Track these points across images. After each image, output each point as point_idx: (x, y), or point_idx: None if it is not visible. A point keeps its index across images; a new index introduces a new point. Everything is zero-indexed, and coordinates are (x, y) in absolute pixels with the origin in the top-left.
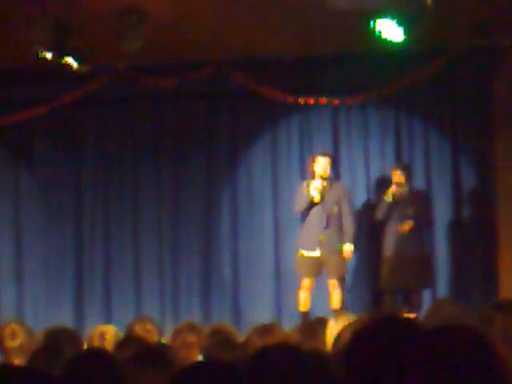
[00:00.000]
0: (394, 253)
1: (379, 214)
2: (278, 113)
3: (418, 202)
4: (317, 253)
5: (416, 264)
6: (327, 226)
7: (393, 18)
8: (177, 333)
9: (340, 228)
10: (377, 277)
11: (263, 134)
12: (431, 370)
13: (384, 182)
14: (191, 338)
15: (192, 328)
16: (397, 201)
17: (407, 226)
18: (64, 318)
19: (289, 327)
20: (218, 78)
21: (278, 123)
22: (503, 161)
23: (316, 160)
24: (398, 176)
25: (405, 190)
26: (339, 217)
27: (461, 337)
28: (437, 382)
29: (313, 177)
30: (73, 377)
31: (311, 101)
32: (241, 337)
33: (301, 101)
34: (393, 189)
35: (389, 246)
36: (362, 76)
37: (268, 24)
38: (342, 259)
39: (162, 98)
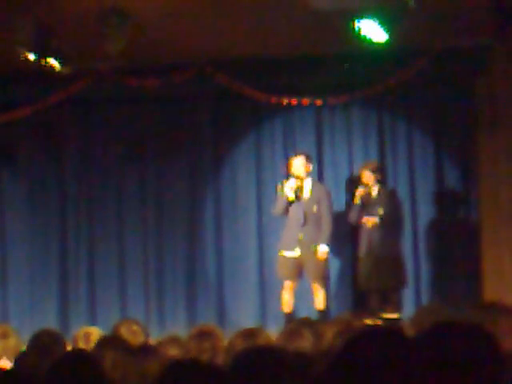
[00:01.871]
0: (366, 253)
1: (351, 216)
2: (261, 114)
3: (386, 202)
4: (296, 252)
5: (387, 264)
6: (305, 224)
7: (375, 18)
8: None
9: (319, 228)
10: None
11: (247, 134)
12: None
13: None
14: (174, 351)
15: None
16: (364, 202)
17: (370, 222)
18: (49, 321)
19: (273, 328)
20: (201, 80)
21: (262, 124)
22: (486, 160)
23: (291, 161)
24: (366, 177)
25: (374, 190)
26: (318, 217)
27: (464, 333)
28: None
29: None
30: (56, 378)
31: (294, 101)
32: (226, 338)
33: (284, 101)
34: (360, 191)
35: (361, 246)
36: (345, 76)
37: (251, 25)
38: (320, 261)
39: (146, 99)
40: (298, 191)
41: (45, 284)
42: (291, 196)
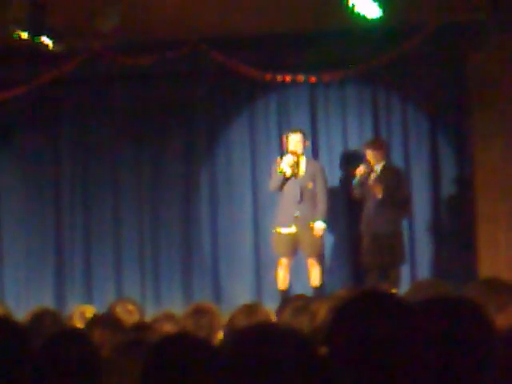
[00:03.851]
0: (367, 230)
1: (355, 193)
2: (255, 91)
3: (386, 179)
4: (292, 229)
5: (385, 241)
6: (301, 201)
7: None
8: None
9: (314, 205)
10: (356, 254)
11: (241, 112)
12: (428, 342)
13: (358, 160)
14: (169, 328)
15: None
16: (362, 181)
17: (377, 192)
18: (45, 299)
19: (269, 305)
20: (196, 57)
21: (256, 101)
22: (480, 135)
23: (288, 137)
24: (368, 155)
25: (377, 168)
26: (314, 193)
27: (457, 308)
28: (433, 353)
29: (286, 153)
30: (48, 355)
31: (289, 78)
32: (222, 315)
33: (278, 78)
34: (360, 169)
35: (363, 223)
36: (340, 53)
37: (245, 2)
38: (316, 237)
39: (140, 77)
40: (295, 167)
41: (41, 262)
42: (289, 172)
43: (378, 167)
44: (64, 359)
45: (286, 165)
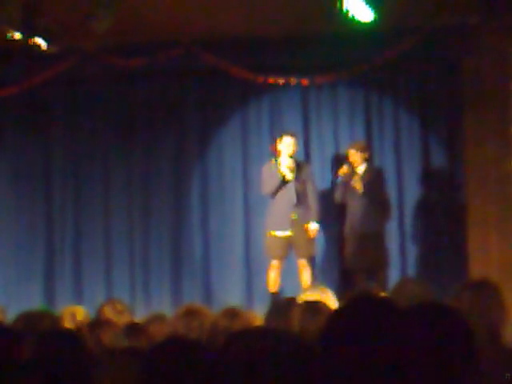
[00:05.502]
0: (350, 232)
1: (336, 195)
2: (248, 93)
3: (368, 180)
4: (288, 232)
5: (370, 241)
6: (298, 204)
7: None
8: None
9: (308, 206)
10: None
11: (233, 114)
12: (411, 348)
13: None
14: (161, 330)
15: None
16: (348, 181)
17: (358, 187)
18: (35, 300)
19: (259, 307)
20: (188, 59)
21: (249, 103)
22: (472, 139)
23: (282, 139)
24: (352, 156)
25: (360, 169)
26: (306, 195)
27: (438, 315)
28: (417, 358)
29: (278, 156)
30: (41, 356)
31: (281, 80)
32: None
33: (271, 81)
34: (343, 169)
35: (346, 225)
36: (332, 56)
37: (238, 5)
38: (310, 238)
39: (132, 78)
40: (295, 170)
41: (30, 262)
42: (289, 175)
43: (361, 168)
44: (55, 361)
45: (286, 168)
